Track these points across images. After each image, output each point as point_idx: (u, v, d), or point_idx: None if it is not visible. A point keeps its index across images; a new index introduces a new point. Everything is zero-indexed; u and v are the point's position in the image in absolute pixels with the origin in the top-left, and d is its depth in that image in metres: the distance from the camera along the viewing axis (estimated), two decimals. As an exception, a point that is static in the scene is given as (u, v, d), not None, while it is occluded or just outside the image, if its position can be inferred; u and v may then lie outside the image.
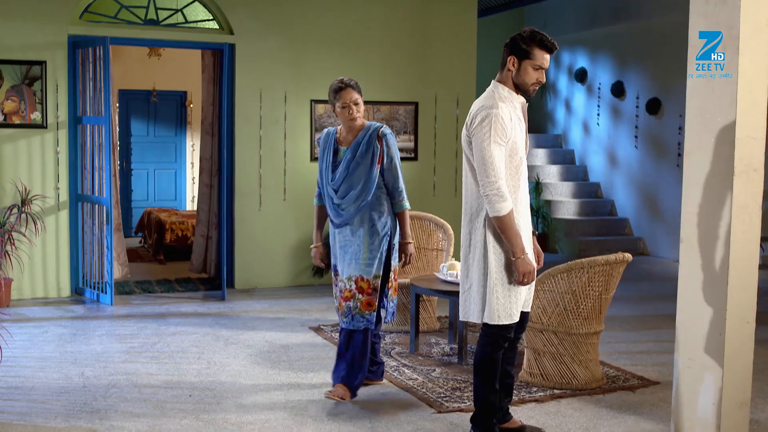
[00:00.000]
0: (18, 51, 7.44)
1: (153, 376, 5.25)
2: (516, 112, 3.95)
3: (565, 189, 12.00)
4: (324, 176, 4.82)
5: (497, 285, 3.90)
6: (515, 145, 3.91)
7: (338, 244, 4.82)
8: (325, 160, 4.83)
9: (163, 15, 8.05)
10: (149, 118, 12.72)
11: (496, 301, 3.90)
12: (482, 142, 3.83)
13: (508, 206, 3.82)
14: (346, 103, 4.71)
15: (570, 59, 12.66)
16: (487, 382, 4.03)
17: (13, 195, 7.44)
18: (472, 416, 4.12)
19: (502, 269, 3.90)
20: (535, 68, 3.90)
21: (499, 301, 3.90)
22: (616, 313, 7.23)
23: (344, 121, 4.78)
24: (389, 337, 6.24)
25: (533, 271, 3.89)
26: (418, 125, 8.88)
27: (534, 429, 4.27)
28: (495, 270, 3.90)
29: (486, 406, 4.05)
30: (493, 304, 3.90)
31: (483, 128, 3.83)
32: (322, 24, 8.47)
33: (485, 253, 3.92)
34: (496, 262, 3.90)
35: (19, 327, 6.43)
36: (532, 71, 3.91)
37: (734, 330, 3.91)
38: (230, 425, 4.38)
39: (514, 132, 3.90)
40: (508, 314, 3.93)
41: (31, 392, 4.90)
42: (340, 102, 4.72)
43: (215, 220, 8.50)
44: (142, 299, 7.73)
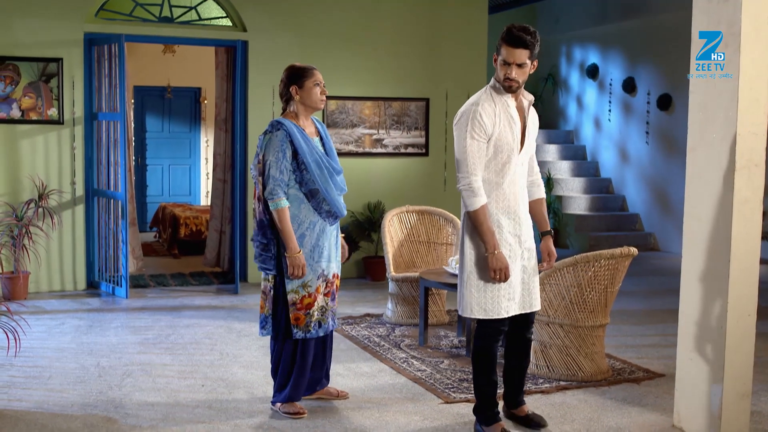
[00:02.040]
0: (35, 48, 7.57)
1: (167, 367, 5.36)
2: (508, 110, 3.99)
3: (577, 184, 12.05)
4: (326, 166, 4.37)
5: (471, 278, 4.02)
6: (500, 142, 3.96)
7: (332, 241, 4.50)
8: (316, 150, 4.37)
9: (177, 12, 8.16)
10: (164, 114, 12.85)
11: (469, 294, 4.02)
12: (459, 138, 3.96)
13: (479, 202, 3.91)
14: (319, 82, 4.38)
15: (582, 55, 12.70)
16: (483, 373, 4.12)
17: (31, 190, 7.58)
18: (474, 407, 4.22)
19: (473, 264, 4.02)
20: (502, 64, 3.93)
21: (473, 294, 4.01)
22: (624, 308, 7.31)
23: (313, 103, 4.38)
24: (399, 330, 6.33)
25: (505, 269, 3.93)
26: (429, 121, 8.95)
27: (536, 417, 4.35)
28: (469, 264, 4.03)
29: (483, 396, 4.14)
30: (467, 297, 4.03)
31: (461, 124, 3.96)
32: (334, 21, 8.56)
33: (463, 248, 4.07)
34: (470, 257, 4.03)
35: (37, 319, 6.57)
36: (500, 67, 3.95)
37: (736, 323, 3.98)
38: (241, 414, 4.48)
39: (499, 129, 3.95)
40: (481, 309, 4.01)
41: (49, 381, 5.02)
42: (313, 80, 4.35)
43: (229, 215, 8.61)
44: (157, 292, 7.85)
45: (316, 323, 4.42)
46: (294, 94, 4.37)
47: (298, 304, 4.36)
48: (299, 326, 4.37)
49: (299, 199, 4.35)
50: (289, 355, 4.44)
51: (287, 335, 4.39)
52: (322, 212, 4.39)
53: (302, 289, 4.37)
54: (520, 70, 3.91)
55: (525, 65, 3.91)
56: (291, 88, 4.37)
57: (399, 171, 8.88)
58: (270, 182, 4.25)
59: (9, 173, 7.55)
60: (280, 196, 4.25)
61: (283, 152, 4.26)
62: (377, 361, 5.53)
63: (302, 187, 4.34)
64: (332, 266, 4.50)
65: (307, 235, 4.37)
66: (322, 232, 4.41)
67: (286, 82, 4.41)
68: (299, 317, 4.36)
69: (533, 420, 4.33)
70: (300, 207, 4.35)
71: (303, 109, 4.41)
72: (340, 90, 8.45)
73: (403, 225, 6.96)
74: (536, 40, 3.91)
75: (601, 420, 4.46)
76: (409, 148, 8.91)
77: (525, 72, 3.93)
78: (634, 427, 4.36)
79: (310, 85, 4.35)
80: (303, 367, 4.45)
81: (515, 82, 3.92)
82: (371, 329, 6.39)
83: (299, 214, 4.35)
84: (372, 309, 7.15)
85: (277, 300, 4.40)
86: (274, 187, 4.25)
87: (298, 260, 4.28)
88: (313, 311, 4.40)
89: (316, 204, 4.37)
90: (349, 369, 5.34)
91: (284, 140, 4.27)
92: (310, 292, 4.38)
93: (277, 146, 4.26)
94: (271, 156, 4.26)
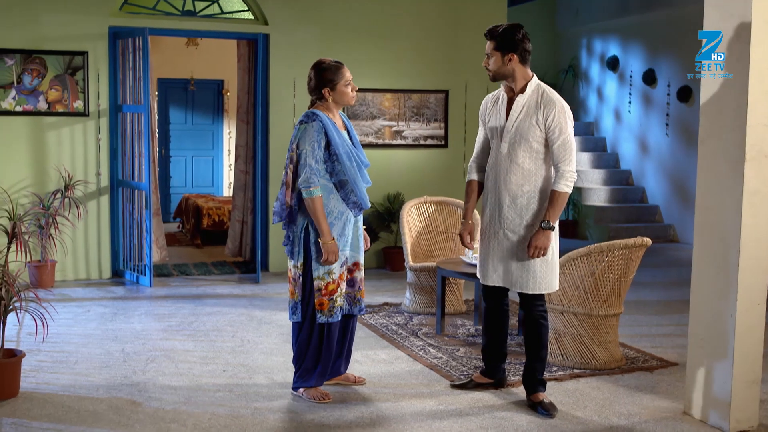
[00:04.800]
0: (61, 42, 7.73)
1: (189, 353, 5.50)
2: (499, 101, 4.50)
3: (596, 176, 12.08)
4: (355, 158, 4.54)
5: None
6: (489, 130, 4.53)
7: (356, 231, 4.66)
8: (347, 143, 4.55)
9: (199, 6, 8.29)
10: (187, 106, 13.01)
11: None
12: None
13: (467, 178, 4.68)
14: (349, 81, 4.54)
15: (602, 47, 12.70)
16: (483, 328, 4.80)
17: (57, 180, 7.75)
18: None
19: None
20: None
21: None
22: (642, 298, 7.37)
23: (346, 102, 4.56)
24: (416, 318, 6.44)
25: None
26: (448, 113, 9.03)
27: (502, 380, 4.83)
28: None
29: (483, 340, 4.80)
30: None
31: None
32: (354, 14, 8.65)
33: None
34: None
35: (63, 306, 6.73)
36: None
37: (745, 311, 4.05)
38: (261, 398, 4.61)
39: (489, 118, 4.54)
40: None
41: (75, 366, 5.18)
42: (344, 80, 4.50)
43: (250, 206, 8.74)
44: (180, 281, 8.01)
45: (338, 309, 4.55)
46: (327, 95, 4.51)
47: (323, 290, 4.49)
48: (323, 311, 4.50)
49: (329, 189, 4.48)
50: (317, 340, 4.58)
51: (313, 320, 4.53)
52: (349, 203, 4.53)
53: (327, 276, 4.50)
54: (488, 59, 4.43)
55: (491, 55, 4.40)
56: (323, 90, 4.50)
57: (418, 162, 8.97)
58: (306, 171, 4.38)
59: (36, 164, 7.73)
60: (315, 185, 4.38)
61: (318, 142, 4.40)
62: (394, 349, 5.64)
63: (332, 178, 4.48)
64: (355, 255, 4.66)
65: (335, 224, 4.50)
66: (348, 222, 4.57)
67: (317, 82, 4.52)
68: (323, 302, 4.50)
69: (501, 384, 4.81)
70: (329, 197, 4.49)
71: (334, 105, 4.57)
72: (361, 82, 8.54)
73: (422, 215, 7.06)
74: (502, 34, 4.36)
75: (612, 406, 4.54)
76: (429, 139, 8.99)
77: (493, 62, 4.40)
78: (645, 413, 4.44)
79: (342, 87, 4.51)
80: (328, 351, 4.58)
81: (487, 70, 4.44)
82: (389, 318, 6.50)
83: (328, 204, 4.48)
84: (391, 298, 7.26)
85: (305, 286, 4.54)
86: (310, 176, 4.38)
87: (332, 247, 4.42)
88: (336, 297, 4.53)
89: (344, 194, 4.51)
90: (366, 356, 5.45)
91: (320, 131, 4.41)
92: (334, 279, 4.52)
93: (312, 136, 4.39)
94: (307, 146, 4.39)
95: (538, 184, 4.35)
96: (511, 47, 4.32)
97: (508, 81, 4.39)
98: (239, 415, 4.35)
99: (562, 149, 4.28)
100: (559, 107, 4.29)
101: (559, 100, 4.33)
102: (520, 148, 4.33)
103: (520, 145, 4.33)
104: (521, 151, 4.33)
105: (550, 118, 4.28)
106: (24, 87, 7.63)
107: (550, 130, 4.28)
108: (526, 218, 4.35)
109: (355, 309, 4.71)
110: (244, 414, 4.36)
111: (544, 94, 4.33)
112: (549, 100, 4.30)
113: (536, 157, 4.33)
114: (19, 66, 7.60)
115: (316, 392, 4.58)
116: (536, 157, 4.33)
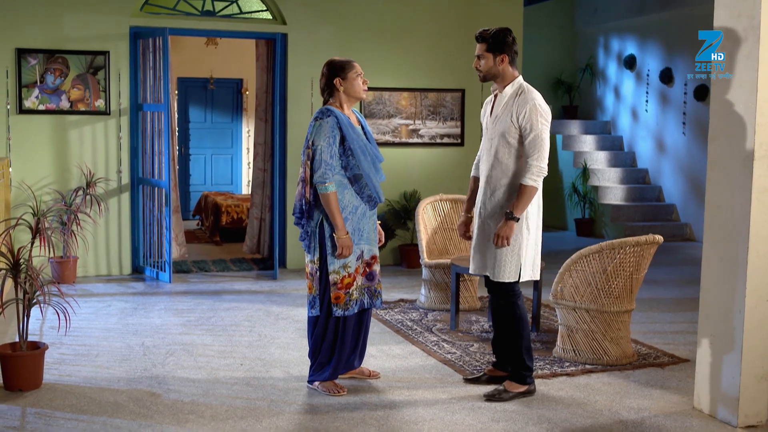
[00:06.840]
0: (83, 42, 7.87)
1: (207, 347, 5.61)
2: (492, 99, 4.68)
3: (613, 175, 12.10)
4: (370, 153, 4.62)
5: None
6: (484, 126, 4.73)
7: (371, 225, 4.74)
8: (361, 138, 4.61)
9: (219, 6, 8.40)
10: (206, 105, 13.14)
11: None
12: None
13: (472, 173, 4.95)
14: (360, 73, 4.61)
15: (619, 46, 12.71)
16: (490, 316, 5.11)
17: (79, 178, 7.89)
18: None
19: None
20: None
21: None
22: (656, 296, 7.41)
23: (357, 93, 4.62)
24: (431, 315, 6.52)
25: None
26: (464, 112, 9.10)
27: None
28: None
29: None
30: None
31: None
32: (371, 13, 8.74)
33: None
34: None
35: (85, 301, 6.86)
36: None
37: (753, 307, 4.10)
38: (278, 391, 4.71)
39: (483, 115, 4.75)
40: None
41: (96, 359, 5.30)
42: (354, 71, 4.59)
43: (269, 203, 8.85)
44: (199, 277, 8.13)
45: (354, 302, 4.64)
46: (338, 85, 4.57)
47: (338, 283, 4.58)
48: (339, 305, 4.59)
49: (343, 185, 4.57)
50: (332, 334, 4.67)
51: (329, 313, 4.62)
52: (363, 197, 4.62)
53: (342, 270, 4.59)
54: (478, 60, 4.58)
55: (482, 57, 4.55)
56: (335, 80, 4.58)
57: (435, 161, 9.05)
58: (322, 166, 4.46)
59: (58, 162, 7.87)
60: (331, 180, 4.47)
61: (333, 138, 4.48)
62: (409, 344, 5.72)
63: (347, 172, 4.56)
64: (372, 249, 4.75)
65: (350, 218, 4.59)
66: (363, 216, 4.66)
67: (328, 76, 4.61)
68: (339, 296, 4.59)
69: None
70: (344, 192, 4.57)
71: (346, 99, 4.64)
72: (377, 81, 8.63)
73: (437, 213, 7.13)
74: (494, 36, 4.50)
75: (622, 401, 4.60)
76: (445, 138, 9.06)
77: (485, 63, 4.55)
78: (655, 408, 4.50)
79: (353, 76, 4.58)
80: (343, 344, 4.67)
81: (478, 71, 4.60)
82: (405, 314, 6.58)
83: (343, 199, 4.56)
84: (406, 295, 7.34)
85: (321, 280, 4.62)
86: (326, 171, 4.46)
87: (347, 241, 4.51)
88: (352, 290, 4.62)
89: (359, 189, 4.59)
90: (381, 351, 5.54)
91: (334, 126, 4.48)
92: (349, 272, 4.61)
93: (327, 132, 4.47)
94: (322, 141, 4.47)
95: (514, 179, 4.53)
96: (503, 49, 4.52)
97: (497, 81, 4.59)
98: (255, 407, 4.44)
99: (532, 144, 4.44)
100: (532, 105, 4.45)
101: (535, 99, 4.48)
102: (500, 144, 4.52)
103: (499, 141, 4.52)
104: (500, 147, 4.52)
105: (522, 115, 4.45)
106: (47, 86, 7.78)
107: (523, 127, 4.46)
108: (504, 210, 4.52)
109: (377, 302, 4.79)
110: (261, 406, 4.46)
111: (522, 93, 4.52)
112: (524, 98, 4.49)
113: (512, 152, 4.51)
114: (42, 65, 7.75)
115: (331, 385, 4.67)
116: (512, 152, 4.51)
